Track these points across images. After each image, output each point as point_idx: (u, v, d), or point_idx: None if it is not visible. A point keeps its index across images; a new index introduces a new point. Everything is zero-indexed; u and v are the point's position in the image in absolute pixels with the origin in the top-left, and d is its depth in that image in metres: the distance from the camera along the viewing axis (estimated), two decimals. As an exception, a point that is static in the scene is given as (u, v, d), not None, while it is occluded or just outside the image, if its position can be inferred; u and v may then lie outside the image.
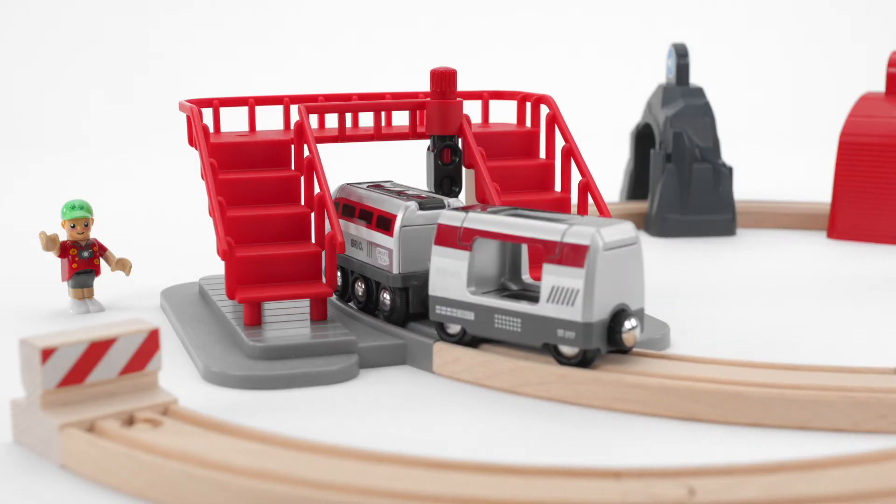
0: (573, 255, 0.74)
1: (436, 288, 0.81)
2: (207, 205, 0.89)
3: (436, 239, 0.81)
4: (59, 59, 2.39)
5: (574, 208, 0.99)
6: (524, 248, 0.84)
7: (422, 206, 0.87)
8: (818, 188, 1.54)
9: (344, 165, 1.32)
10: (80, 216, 0.98)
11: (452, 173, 0.95)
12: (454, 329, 0.82)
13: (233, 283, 0.86)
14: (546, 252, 0.75)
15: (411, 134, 0.99)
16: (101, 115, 2.28)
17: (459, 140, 0.96)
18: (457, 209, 0.82)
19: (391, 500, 0.57)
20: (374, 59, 2.45)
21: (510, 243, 0.83)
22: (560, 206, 0.96)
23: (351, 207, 0.92)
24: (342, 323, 0.89)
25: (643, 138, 1.43)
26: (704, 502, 0.57)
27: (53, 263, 1.09)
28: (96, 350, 0.68)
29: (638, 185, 1.44)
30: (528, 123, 1.02)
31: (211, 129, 0.97)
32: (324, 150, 0.95)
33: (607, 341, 0.76)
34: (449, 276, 0.80)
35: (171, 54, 2.43)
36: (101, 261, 1.00)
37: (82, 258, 0.99)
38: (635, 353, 0.79)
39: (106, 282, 1.05)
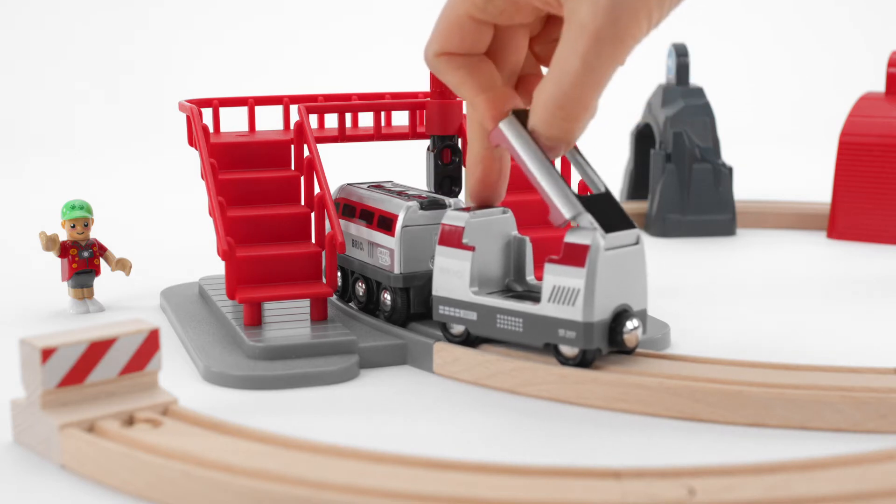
0: (574, 254, 0.74)
1: (439, 288, 0.81)
2: (207, 205, 0.89)
3: (440, 239, 0.81)
4: (59, 58, 2.39)
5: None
6: (529, 249, 0.84)
7: (423, 207, 0.87)
8: (818, 188, 1.54)
9: (344, 165, 1.32)
10: (79, 216, 0.98)
11: (452, 173, 0.95)
12: (458, 329, 0.82)
13: (233, 283, 0.86)
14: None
15: (411, 134, 0.99)
16: (102, 114, 2.28)
17: (459, 140, 0.96)
18: (460, 209, 0.82)
19: (391, 500, 0.57)
20: (374, 59, 2.45)
21: (514, 244, 0.83)
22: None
23: (351, 207, 0.92)
24: (342, 323, 0.89)
25: (643, 138, 1.43)
26: (704, 502, 0.57)
27: (53, 263, 1.09)
28: (96, 350, 0.68)
29: (638, 185, 1.44)
30: (528, 123, 1.02)
31: (211, 129, 0.97)
32: (324, 150, 0.95)
33: (608, 341, 0.76)
34: (452, 276, 0.80)
35: (172, 53, 2.43)
36: (101, 261, 1.00)
37: (82, 258, 0.99)
38: (636, 353, 0.79)
39: (106, 282, 1.05)
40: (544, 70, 0.82)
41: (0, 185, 1.75)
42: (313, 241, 0.91)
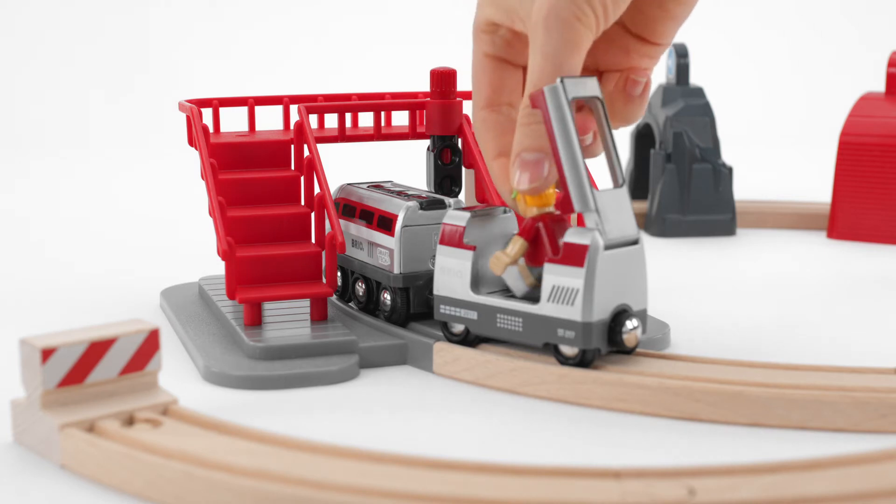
0: (573, 254, 0.74)
1: (440, 287, 0.81)
2: (207, 205, 0.89)
3: (441, 239, 0.81)
4: (59, 58, 2.39)
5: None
6: None
7: (423, 207, 0.87)
8: (818, 188, 1.54)
9: (344, 165, 1.32)
10: None
11: (452, 173, 0.95)
12: (458, 328, 0.82)
13: (233, 283, 0.86)
14: None
15: (411, 134, 0.99)
16: (102, 114, 2.28)
17: (459, 140, 0.96)
18: (461, 209, 0.82)
19: (391, 500, 0.57)
20: (374, 59, 2.45)
21: None
22: (560, 205, 0.96)
23: (351, 207, 0.92)
24: (342, 323, 0.89)
25: (643, 138, 1.43)
26: (704, 502, 0.57)
27: (53, 263, 1.09)
28: (96, 350, 0.68)
29: (638, 185, 1.44)
30: (528, 123, 1.02)
31: (211, 129, 0.97)
32: (324, 150, 0.95)
33: (608, 341, 0.76)
34: (453, 275, 0.80)
35: (171, 54, 2.43)
36: None
37: None
38: (636, 353, 0.79)
39: (106, 281, 1.05)
40: None
41: (1, 186, 1.75)
42: (313, 241, 0.91)
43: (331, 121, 1.01)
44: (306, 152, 0.91)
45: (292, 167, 0.94)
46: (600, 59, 0.82)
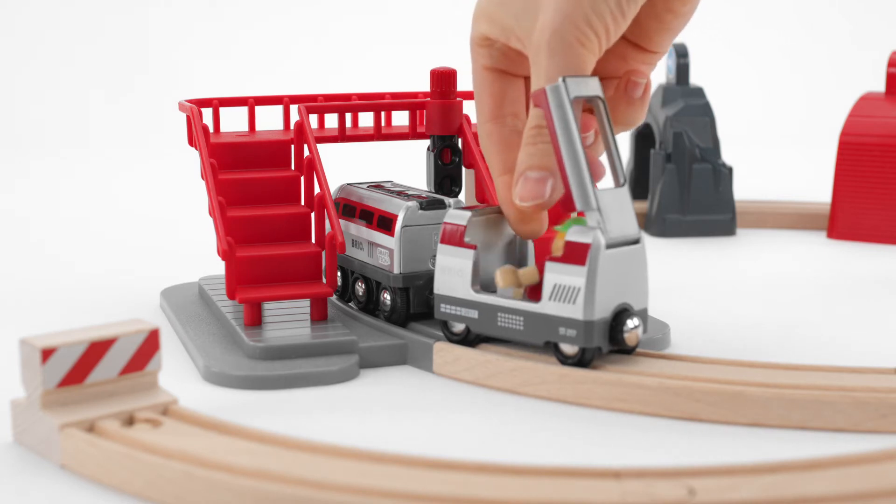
0: (575, 253, 0.74)
1: (441, 286, 0.81)
2: (207, 205, 0.89)
3: (441, 238, 0.81)
4: (59, 58, 2.39)
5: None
6: (531, 246, 0.84)
7: (423, 207, 0.87)
8: (818, 188, 1.54)
9: (344, 165, 1.32)
10: None
11: (452, 173, 0.95)
12: (459, 328, 0.82)
13: (233, 283, 0.86)
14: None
15: (411, 134, 0.99)
16: (102, 114, 2.28)
17: (459, 140, 0.96)
18: (461, 208, 0.82)
19: (391, 500, 0.57)
20: (374, 59, 2.45)
21: (516, 243, 0.83)
22: (562, 204, 0.96)
23: (351, 207, 0.92)
24: (342, 323, 0.89)
25: (643, 138, 1.43)
26: (704, 502, 0.57)
27: (53, 263, 1.09)
28: (96, 350, 0.68)
29: (638, 185, 1.44)
30: (528, 123, 1.02)
31: (211, 129, 0.97)
32: (324, 150, 0.95)
33: (609, 340, 0.76)
34: (454, 274, 0.80)
35: (171, 54, 2.43)
36: None
37: None
38: (636, 353, 0.79)
39: (106, 281, 1.05)
40: None
41: (1, 186, 1.75)
42: (313, 241, 0.91)
43: (331, 121, 1.01)
44: (306, 152, 0.91)
45: (292, 167, 0.94)
46: (598, 67, 0.82)
